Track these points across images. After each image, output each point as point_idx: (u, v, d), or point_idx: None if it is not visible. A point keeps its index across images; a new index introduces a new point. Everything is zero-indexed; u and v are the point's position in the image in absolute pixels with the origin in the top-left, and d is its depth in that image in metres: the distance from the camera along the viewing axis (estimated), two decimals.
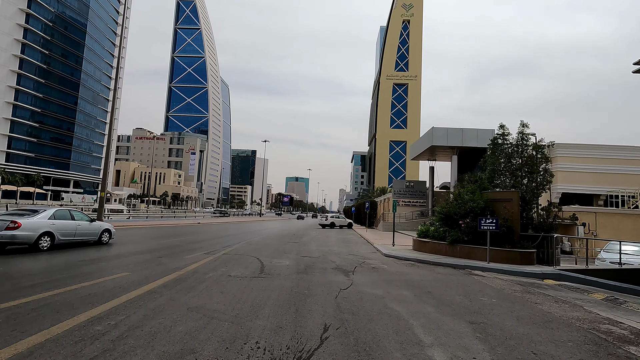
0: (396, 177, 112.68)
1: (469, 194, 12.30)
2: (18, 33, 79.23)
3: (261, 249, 13.31)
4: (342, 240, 20.42)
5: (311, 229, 32.01)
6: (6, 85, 77.42)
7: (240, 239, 17.77)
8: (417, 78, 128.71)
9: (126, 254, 10.57)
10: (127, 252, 10.98)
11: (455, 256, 11.74)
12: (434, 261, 10.94)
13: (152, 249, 12.22)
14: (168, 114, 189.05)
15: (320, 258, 11.39)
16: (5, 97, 77.50)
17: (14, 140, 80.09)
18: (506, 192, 12.17)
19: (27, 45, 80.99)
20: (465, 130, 27.13)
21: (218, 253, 11.65)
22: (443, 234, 12.90)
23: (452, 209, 12.24)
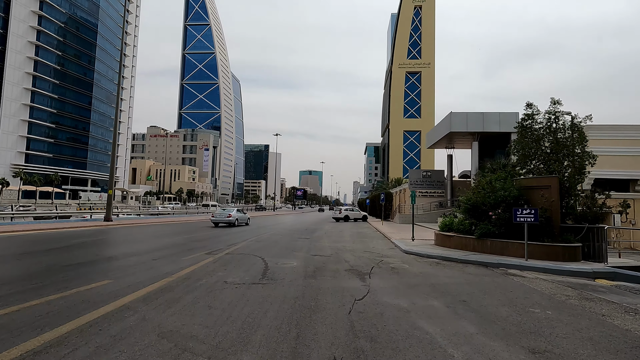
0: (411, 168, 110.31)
1: (500, 182, 10.87)
2: (31, 35, 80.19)
3: (268, 247, 12.25)
4: (357, 234, 19.21)
5: (324, 223, 30.90)
6: (22, 87, 78.70)
7: (249, 236, 16.79)
8: (431, 65, 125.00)
9: (120, 256, 9.65)
10: (122, 254, 10.07)
11: (485, 252, 10.37)
12: (462, 258, 9.61)
13: (151, 249, 11.31)
14: (181, 111, 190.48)
15: (332, 257, 10.22)
16: (22, 99, 78.84)
17: (32, 142, 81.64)
18: (543, 178, 10.67)
19: (41, 47, 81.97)
20: (486, 114, 25.33)
21: (220, 253, 10.62)
22: (469, 227, 11.53)
23: (480, 198, 10.84)
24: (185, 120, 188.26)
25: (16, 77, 77.16)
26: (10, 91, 76.15)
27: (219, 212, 23.98)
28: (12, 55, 76.08)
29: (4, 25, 75.62)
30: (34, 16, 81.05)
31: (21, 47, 78.20)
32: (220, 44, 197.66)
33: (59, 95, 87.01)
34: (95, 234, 15.61)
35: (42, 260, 8.79)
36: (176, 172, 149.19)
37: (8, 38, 75.59)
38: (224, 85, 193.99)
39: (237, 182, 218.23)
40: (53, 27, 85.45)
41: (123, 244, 12.68)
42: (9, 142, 76.61)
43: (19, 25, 77.69)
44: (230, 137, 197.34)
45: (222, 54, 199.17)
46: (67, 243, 12.29)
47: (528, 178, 10.97)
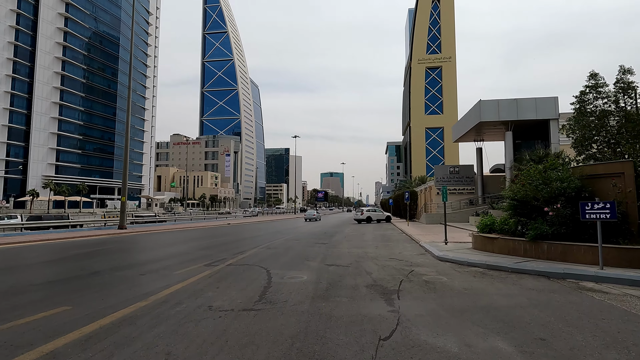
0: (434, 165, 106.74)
1: (554, 172, 8.87)
2: (58, 51, 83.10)
3: (279, 255, 10.73)
4: (381, 237, 17.40)
5: (345, 225, 29.18)
6: (51, 101, 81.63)
7: (261, 242, 15.37)
8: (452, 59, 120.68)
9: (106, 270, 8.38)
10: (112, 267, 8.82)
11: (540, 258, 8.40)
12: (514, 267, 7.70)
13: (148, 259, 10.05)
14: (202, 118, 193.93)
15: (351, 267, 8.55)
16: (51, 112, 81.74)
17: (61, 153, 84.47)
18: (614, 163, 8.57)
19: (67, 62, 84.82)
20: (520, 100, 22.87)
21: (222, 264, 9.19)
22: (515, 227, 9.57)
23: (530, 192, 8.86)
24: (206, 127, 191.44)
25: (45, 92, 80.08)
26: (40, 106, 79.09)
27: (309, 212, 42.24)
28: (40, 71, 79.03)
29: (32, 43, 78.70)
30: (60, 33, 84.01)
31: (49, 62, 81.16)
32: (238, 51, 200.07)
33: (85, 107, 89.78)
34: (101, 244, 14.64)
35: (13, 277, 7.63)
36: (199, 178, 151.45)
37: (36, 55, 78.59)
38: (243, 90, 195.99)
39: (259, 186, 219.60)
40: (78, 42, 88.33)
41: (122, 254, 11.52)
42: (40, 155, 79.50)
43: (46, 42, 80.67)
44: (250, 142, 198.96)
45: (240, 60, 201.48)
46: (61, 255, 11.26)
47: (592, 165, 8.91)
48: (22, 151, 77.63)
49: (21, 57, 76.35)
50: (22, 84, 77.02)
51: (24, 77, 77.07)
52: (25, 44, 77.05)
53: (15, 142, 75.68)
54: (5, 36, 73.20)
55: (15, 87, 75.46)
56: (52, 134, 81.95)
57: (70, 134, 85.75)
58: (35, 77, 78.17)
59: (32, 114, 77.64)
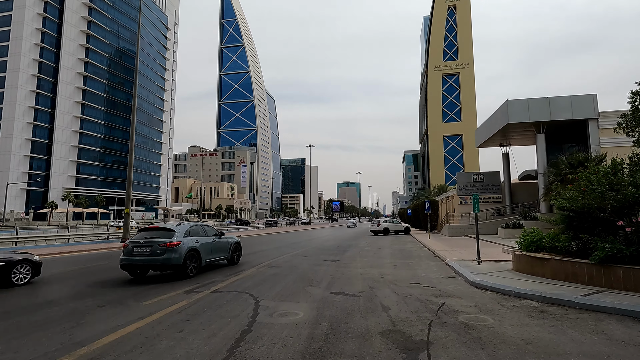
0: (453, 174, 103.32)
1: (622, 176, 6.90)
2: (80, 67, 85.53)
3: (279, 278, 9.04)
4: (400, 253, 15.45)
5: (360, 238, 27.22)
6: (72, 115, 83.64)
7: (265, 258, 13.74)
8: (469, 65, 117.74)
9: (61, 299, 6.91)
10: (72, 294, 7.35)
11: (613, 287, 6.38)
12: (582, 302, 5.71)
13: (121, 283, 8.56)
14: (219, 130, 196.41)
15: (362, 297, 6.75)
16: (72, 126, 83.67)
17: (81, 166, 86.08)
18: None
19: (88, 77, 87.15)
20: (553, 99, 20.64)
21: (206, 290, 7.57)
22: (566, 244, 7.58)
23: (593, 200, 6.90)
24: (223, 138, 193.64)
25: (67, 106, 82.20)
26: (62, 120, 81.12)
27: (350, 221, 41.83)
28: (63, 86, 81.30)
29: (55, 59, 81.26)
30: (82, 49, 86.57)
31: (71, 78, 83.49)
32: (254, 63, 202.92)
33: (106, 121, 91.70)
34: (87, 261, 13.36)
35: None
36: (215, 189, 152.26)
37: (59, 71, 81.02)
38: (259, 102, 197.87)
39: (275, 196, 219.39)
40: (99, 58, 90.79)
41: (98, 275, 10.09)
42: (61, 167, 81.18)
43: (69, 59, 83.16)
44: (266, 153, 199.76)
45: (256, 73, 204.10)
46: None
47: None
48: (45, 164, 79.50)
49: (45, 73, 78.85)
50: (46, 99, 79.36)
51: (48, 92, 79.43)
52: (49, 60, 79.63)
53: (38, 155, 77.59)
54: (30, 53, 75.84)
55: (39, 102, 77.79)
56: (73, 147, 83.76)
57: (90, 147, 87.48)
58: (57, 92, 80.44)
59: (55, 127, 79.66)
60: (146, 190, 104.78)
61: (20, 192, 73.24)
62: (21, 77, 73.67)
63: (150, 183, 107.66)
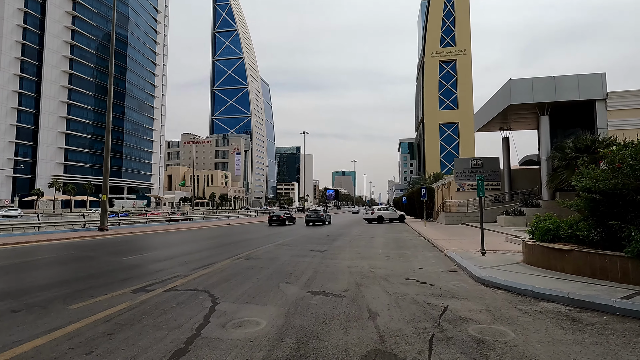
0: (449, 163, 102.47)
1: None
2: (65, 50, 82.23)
3: (252, 272, 7.79)
4: (394, 242, 14.26)
5: (354, 226, 26.08)
6: (59, 100, 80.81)
7: (247, 247, 12.49)
8: (467, 52, 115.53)
9: None
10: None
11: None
12: (625, 307, 4.51)
13: (64, 280, 7.26)
14: (212, 117, 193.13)
15: (346, 298, 5.50)
16: (59, 111, 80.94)
17: (69, 153, 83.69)
18: None
19: (75, 61, 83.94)
20: (559, 78, 19.29)
21: (160, 287, 6.30)
22: (588, 234, 6.38)
23: (629, 180, 5.64)
24: (217, 126, 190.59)
25: (53, 91, 79.27)
26: (48, 105, 78.33)
27: (354, 209, 38.16)
28: (48, 69, 78.24)
29: (40, 41, 77.93)
30: (67, 31, 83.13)
31: (56, 61, 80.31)
32: (248, 49, 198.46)
33: (94, 106, 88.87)
34: (50, 251, 12.02)
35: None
36: (209, 177, 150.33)
37: (44, 54, 77.78)
38: (253, 89, 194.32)
39: (270, 185, 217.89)
40: (85, 41, 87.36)
41: (49, 270, 8.78)
42: (49, 154, 78.77)
43: (54, 41, 79.81)
44: (261, 141, 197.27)
45: (250, 59, 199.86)
46: None
47: None
48: (31, 151, 77.04)
49: (29, 56, 75.66)
50: (30, 83, 76.37)
51: (32, 76, 76.40)
52: (32, 42, 76.34)
53: (24, 141, 75.06)
54: (13, 35, 72.56)
55: (23, 86, 74.84)
56: (61, 133, 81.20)
57: (79, 133, 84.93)
58: (43, 76, 77.44)
59: (40, 113, 76.95)
60: (137, 178, 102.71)
61: (6, 179, 71.08)
62: (3, 59, 70.64)
63: (142, 171, 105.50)
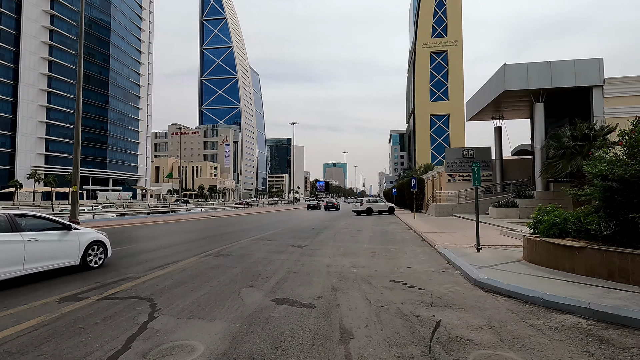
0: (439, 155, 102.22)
1: None
2: (44, 35, 78.65)
3: (217, 271, 6.76)
4: (381, 236, 13.35)
5: (341, 218, 25.18)
6: (38, 88, 77.49)
7: (221, 243, 11.43)
8: (458, 43, 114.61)
9: None
10: None
11: None
12: None
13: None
14: (201, 107, 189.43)
15: (316, 310, 4.49)
16: (39, 100, 77.69)
17: (50, 143, 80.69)
18: None
19: (54, 47, 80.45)
20: (555, 63, 18.44)
21: (95, 295, 5.24)
22: (599, 228, 5.50)
23: None
24: (205, 116, 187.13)
25: (31, 78, 75.91)
26: (27, 93, 75.05)
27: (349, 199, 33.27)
28: (26, 56, 74.78)
29: (16, 26, 74.26)
30: (46, 16, 79.44)
31: (35, 47, 76.78)
32: (237, 38, 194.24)
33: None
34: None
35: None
36: (198, 169, 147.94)
37: (21, 39, 74.22)
38: (243, 79, 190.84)
39: (261, 176, 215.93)
40: (65, 26, 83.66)
41: None
42: (28, 145, 75.77)
43: (32, 26, 76.18)
44: (251, 132, 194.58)
45: (240, 48, 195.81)
46: None
47: None
48: (10, 141, 73.95)
49: (5, 41, 72.05)
50: (7, 70, 72.88)
51: (9, 62, 72.91)
52: (9, 27, 72.68)
53: (2, 131, 71.92)
54: None
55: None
56: (41, 122, 78.06)
57: (60, 123, 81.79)
58: (20, 63, 73.98)
59: (19, 101, 73.69)
60: (123, 169, 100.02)
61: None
62: None
63: (128, 162, 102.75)
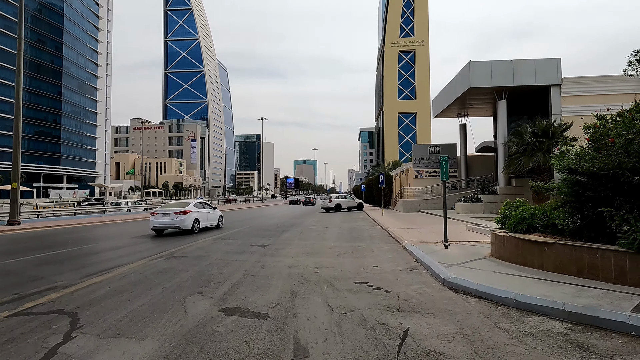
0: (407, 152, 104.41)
1: None
2: None
3: (164, 276, 6.01)
4: (348, 233, 12.99)
5: (309, 215, 24.70)
6: None
7: (177, 243, 10.53)
8: (425, 43, 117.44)
9: None
10: None
11: None
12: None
13: None
14: (166, 101, 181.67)
15: (269, 321, 3.95)
16: None
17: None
18: None
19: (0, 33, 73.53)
20: (517, 62, 18.92)
21: (5, 311, 4.34)
22: (566, 222, 5.36)
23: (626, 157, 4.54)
24: (170, 111, 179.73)
25: None
26: None
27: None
28: None
29: None
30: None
31: None
32: (204, 30, 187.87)
33: (27, 86, 78.65)
34: None
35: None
36: (162, 165, 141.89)
37: None
38: (210, 73, 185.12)
39: (230, 173, 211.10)
40: (11, 10, 76.67)
41: None
42: None
43: None
44: (219, 127, 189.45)
45: (207, 41, 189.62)
46: None
47: None
48: None
49: None
50: None
51: None
52: None
53: None
54: None
55: None
56: None
57: (6, 115, 75.07)
58: None
59: None
60: (79, 166, 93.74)
61: None
62: None
63: (84, 157, 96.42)
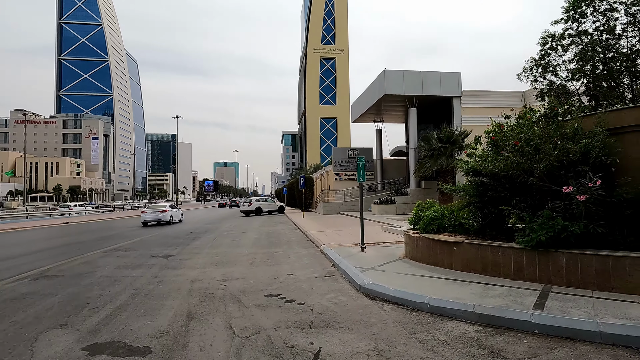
0: (328, 155, 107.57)
1: (562, 125, 5.02)
2: None
3: (25, 301, 4.56)
4: (266, 238, 12.27)
5: (228, 220, 23.24)
6: None
7: (63, 256, 8.59)
8: (345, 52, 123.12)
9: None
10: None
11: (549, 282, 4.41)
12: (541, 323, 3.37)
13: None
14: (59, 92, 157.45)
15: (152, 354, 3.10)
16: None
17: None
18: None
19: None
20: (426, 73, 20.45)
21: None
22: (472, 222, 5.60)
23: (522, 160, 4.81)
24: (66, 103, 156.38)
25: None
26: None
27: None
28: None
29: None
30: None
31: None
32: (109, 17, 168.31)
33: None
34: None
35: None
36: (54, 166, 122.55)
37: None
38: (117, 64, 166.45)
39: (140, 175, 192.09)
40: None
41: None
42: None
43: None
44: (127, 125, 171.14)
45: (112, 28, 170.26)
46: None
47: (616, 110, 5.27)
48: None
49: None
50: None
51: None
52: None
53: None
54: None
55: None
56: None
57: None
58: None
59: None
60: None
61: None
62: None
63: None
